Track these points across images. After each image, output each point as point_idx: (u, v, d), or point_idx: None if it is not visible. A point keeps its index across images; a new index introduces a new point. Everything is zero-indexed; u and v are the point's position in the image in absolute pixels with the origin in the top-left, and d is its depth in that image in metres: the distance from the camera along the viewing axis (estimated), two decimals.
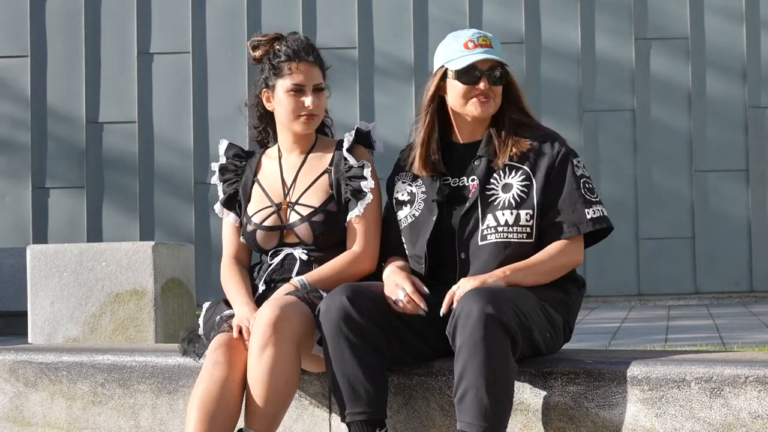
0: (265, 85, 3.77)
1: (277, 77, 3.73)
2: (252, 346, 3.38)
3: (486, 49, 3.55)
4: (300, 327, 3.41)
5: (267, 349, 3.35)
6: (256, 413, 3.37)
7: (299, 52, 3.72)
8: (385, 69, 11.61)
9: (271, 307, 3.39)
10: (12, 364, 4.12)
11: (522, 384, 3.46)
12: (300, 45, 3.73)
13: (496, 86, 3.56)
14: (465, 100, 3.56)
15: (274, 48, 3.75)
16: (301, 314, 3.43)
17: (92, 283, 5.79)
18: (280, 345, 3.35)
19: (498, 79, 3.56)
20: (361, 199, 3.69)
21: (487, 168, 3.56)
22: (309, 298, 3.49)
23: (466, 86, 3.55)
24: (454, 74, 3.56)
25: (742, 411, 3.22)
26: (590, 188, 3.56)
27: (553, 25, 11.55)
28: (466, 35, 3.59)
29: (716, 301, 11.20)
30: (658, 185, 11.37)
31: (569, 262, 3.52)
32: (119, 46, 11.75)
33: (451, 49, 3.59)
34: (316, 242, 3.71)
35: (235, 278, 3.74)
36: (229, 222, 3.85)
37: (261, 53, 3.77)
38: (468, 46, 3.56)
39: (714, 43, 11.44)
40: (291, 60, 3.71)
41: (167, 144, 11.68)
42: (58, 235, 11.58)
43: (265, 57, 3.76)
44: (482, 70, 3.54)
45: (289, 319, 3.38)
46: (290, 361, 3.37)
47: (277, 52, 3.73)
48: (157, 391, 3.91)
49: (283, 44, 3.74)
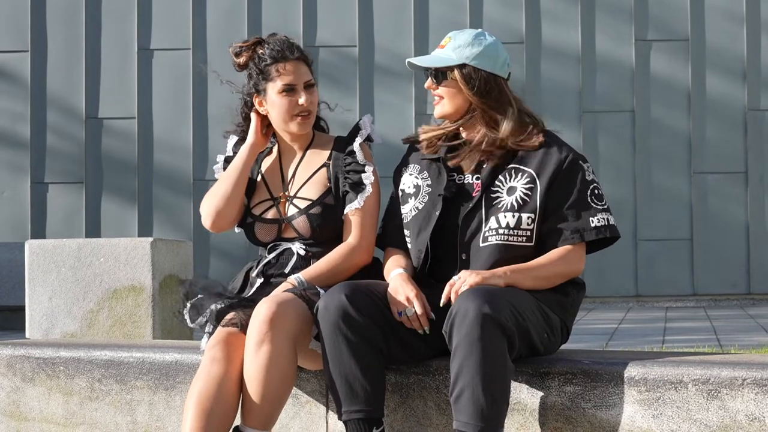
0: (255, 91, 3.78)
1: (266, 81, 3.73)
2: (248, 342, 3.39)
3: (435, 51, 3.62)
4: (296, 324, 3.41)
5: (263, 345, 3.35)
6: (252, 410, 3.37)
7: (284, 52, 3.73)
8: (385, 67, 11.60)
9: (268, 303, 3.40)
10: (9, 359, 4.12)
11: (519, 384, 3.46)
12: (283, 45, 3.75)
13: (441, 86, 3.59)
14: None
15: (257, 53, 3.76)
16: (298, 311, 3.43)
17: (90, 279, 5.78)
18: (277, 341, 3.35)
19: (436, 79, 3.59)
20: (360, 192, 3.70)
21: (492, 170, 3.56)
22: (306, 295, 3.50)
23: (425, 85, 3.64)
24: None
25: (738, 413, 3.22)
26: (599, 195, 3.54)
27: (553, 25, 11.54)
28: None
29: (714, 302, 11.20)
30: (657, 186, 11.37)
31: (569, 270, 3.51)
32: (120, 41, 11.74)
33: None
34: (313, 235, 3.71)
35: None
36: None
37: (245, 59, 3.79)
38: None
39: (714, 45, 11.43)
40: (277, 61, 3.72)
41: (167, 140, 11.68)
42: (57, 230, 11.57)
43: (251, 62, 3.77)
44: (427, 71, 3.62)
45: (285, 315, 3.38)
46: (286, 357, 3.37)
47: (262, 56, 3.74)
48: (155, 387, 3.91)
49: (266, 47, 3.75)
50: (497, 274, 3.39)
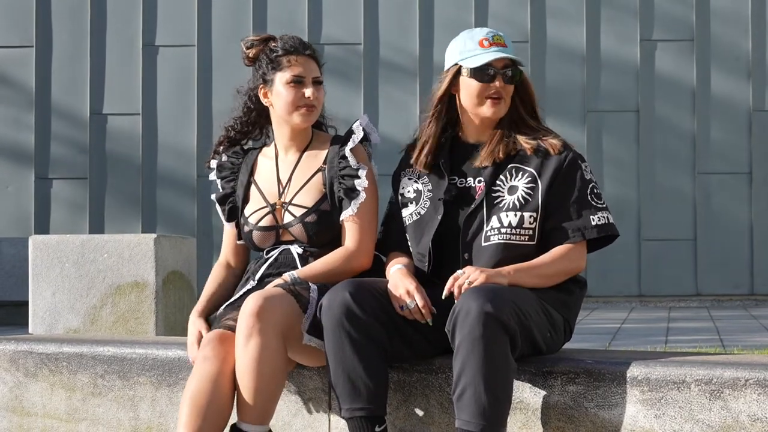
0: (263, 81, 3.77)
1: (275, 71, 3.73)
2: (237, 337, 3.40)
3: (501, 48, 3.55)
4: (284, 317, 3.41)
5: (251, 339, 3.36)
6: (246, 405, 3.38)
7: (297, 47, 3.75)
8: (390, 64, 11.60)
9: (255, 298, 3.41)
10: (12, 354, 4.12)
11: (522, 383, 3.46)
12: (296, 41, 3.78)
13: (509, 85, 3.56)
14: (479, 99, 3.55)
15: (269, 46, 3.77)
16: (285, 304, 3.43)
17: (94, 275, 5.79)
18: (264, 334, 3.36)
19: (511, 78, 3.56)
20: (354, 198, 3.69)
21: (493, 170, 3.56)
22: (295, 289, 3.49)
23: (480, 84, 3.54)
24: (469, 72, 3.55)
25: (741, 414, 3.22)
26: (597, 194, 3.55)
27: (559, 24, 11.54)
28: (481, 33, 3.58)
29: (717, 303, 11.20)
30: (661, 186, 11.36)
31: (572, 267, 3.51)
32: (124, 37, 11.75)
33: (466, 46, 3.58)
34: (310, 242, 3.72)
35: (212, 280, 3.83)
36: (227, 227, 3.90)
37: (255, 52, 3.79)
38: (483, 44, 3.55)
39: (719, 45, 11.43)
40: (289, 53, 3.73)
41: (171, 136, 11.68)
42: (61, 225, 11.58)
43: (261, 54, 3.77)
44: (497, 69, 3.54)
45: (272, 309, 3.38)
46: (275, 350, 3.38)
47: (274, 48, 3.75)
48: (157, 383, 3.92)
49: (279, 41, 3.77)
50: (501, 272, 3.39)
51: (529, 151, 3.55)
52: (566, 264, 3.50)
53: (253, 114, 3.86)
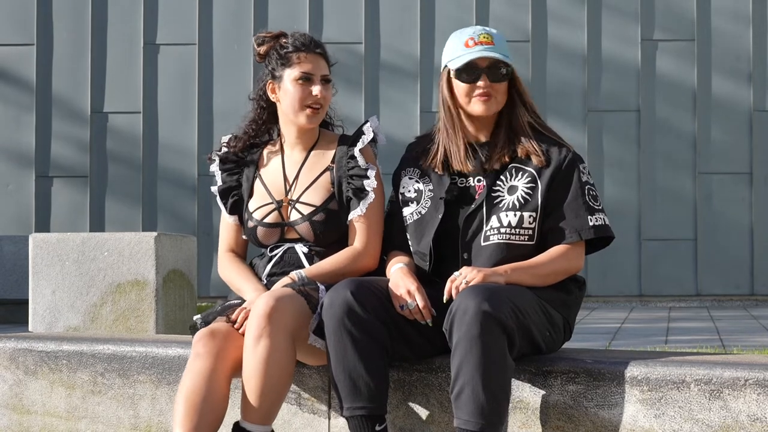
0: (272, 77, 3.76)
1: (284, 67, 3.72)
2: (247, 338, 3.39)
3: (486, 46, 3.54)
4: (294, 318, 3.41)
5: (261, 340, 3.35)
6: (251, 405, 3.37)
7: (308, 44, 3.74)
8: (391, 64, 11.60)
9: (266, 299, 3.40)
10: (12, 352, 4.13)
11: (521, 382, 3.46)
12: (307, 39, 3.76)
13: (498, 83, 3.55)
14: (467, 98, 3.56)
15: (280, 42, 3.76)
16: (296, 306, 3.43)
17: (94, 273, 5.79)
18: (275, 336, 3.35)
19: (500, 76, 3.55)
20: (363, 199, 3.68)
21: (494, 170, 3.56)
22: (305, 290, 3.49)
23: (466, 85, 3.55)
24: (454, 73, 3.56)
25: (741, 413, 3.22)
26: (594, 195, 3.56)
27: (559, 24, 11.54)
28: (467, 33, 3.58)
29: (717, 303, 11.20)
30: (662, 186, 11.37)
31: (569, 267, 3.52)
32: (125, 36, 11.75)
33: (452, 48, 3.59)
34: (317, 240, 3.71)
35: (238, 267, 3.75)
36: (229, 220, 3.86)
37: (266, 49, 3.78)
38: (468, 44, 3.55)
39: (720, 45, 11.43)
40: (299, 50, 3.72)
41: (171, 135, 11.69)
42: (61, 224, 11.59)
43: (272, 50, 3.76)
44: (481, 68, 3.54)
45: (283, 310, 3.38)
46: (285, 352, 3.37)
47: (285, 45, 3.74)
48: (157, 381, 3.92)
49: (290, 38, 3.76)
50: (498, 271, 3.39)
51: (529, 151, 3.55)
52: (564, 264, 3.50)
53: (266, 114, 3.85)
